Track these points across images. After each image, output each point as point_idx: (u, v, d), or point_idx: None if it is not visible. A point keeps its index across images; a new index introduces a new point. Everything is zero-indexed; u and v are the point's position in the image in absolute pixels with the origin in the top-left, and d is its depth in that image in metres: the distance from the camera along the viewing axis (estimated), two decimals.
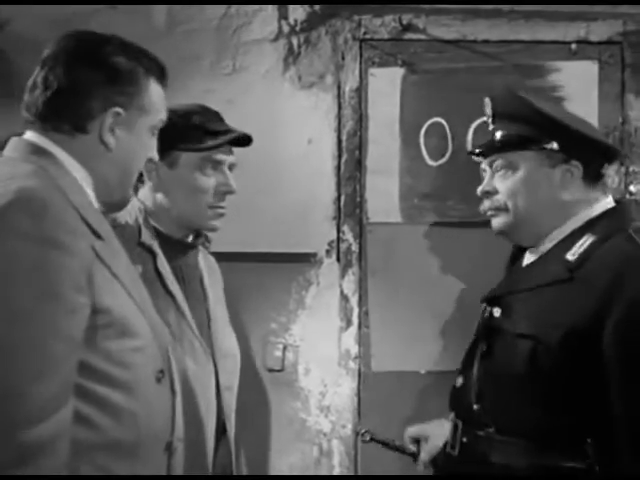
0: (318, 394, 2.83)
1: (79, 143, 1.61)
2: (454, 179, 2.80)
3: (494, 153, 2.07)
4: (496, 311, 2.04)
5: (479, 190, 2.10)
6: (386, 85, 2.85)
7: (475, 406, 2.00)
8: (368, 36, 2.84)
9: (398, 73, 2.85)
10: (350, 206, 2.84)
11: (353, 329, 2.83)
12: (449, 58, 2.85)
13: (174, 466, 1.65)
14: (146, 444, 1.57)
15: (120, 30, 1.72)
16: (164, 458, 1.62)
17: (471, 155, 2.20)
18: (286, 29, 2.82)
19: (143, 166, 1.72)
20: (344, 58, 2.84)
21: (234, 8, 2.80)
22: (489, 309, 2.07)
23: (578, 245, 1.96)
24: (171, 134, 1.81)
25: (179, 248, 2.14)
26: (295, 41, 2.82)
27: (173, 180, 2.11)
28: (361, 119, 2.85)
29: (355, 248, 2.83)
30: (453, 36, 2.84)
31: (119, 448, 1.53)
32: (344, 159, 2.84)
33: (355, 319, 2.83)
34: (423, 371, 2.80)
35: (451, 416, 2.11)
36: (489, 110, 2.11)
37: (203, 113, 2.14)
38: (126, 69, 1.62)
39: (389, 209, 2.85)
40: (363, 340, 2.83)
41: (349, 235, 2.84)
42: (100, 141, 1.61)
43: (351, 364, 2.83)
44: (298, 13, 2.82)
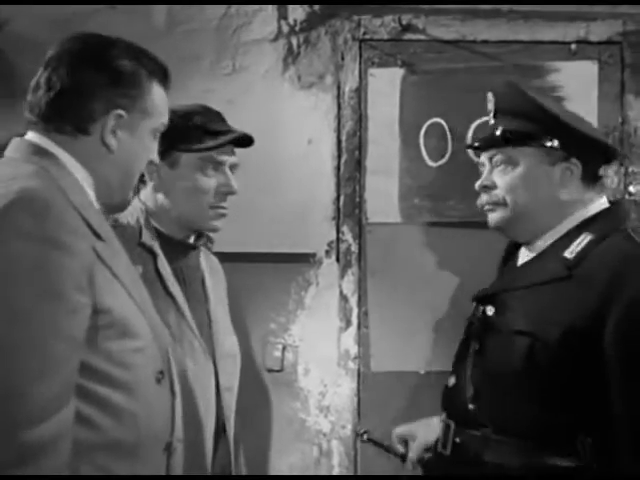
0: (318, 394, 2.82)
1: (81, 144, 1.61)
2: (454, 179, 2.80)
3: (494, 148, 2.07)
4: (489, 309, 2.04)
5: (477, 184, 2.10)
6: (386, 85, 2.85)
7: (470, 406, 1.99)
8: (368, 36, 2.84)
9: (398, 73, 2.85)
10: (350, 206, 2.84)
11: (352, 329, 2.83)
12: (448, 58, 2.85)
13: (173, 466, 1.65)
14: (146, 445, 1.57)
15: (120, 30, 1.72)
16: (163, 458, 1.62)
17: (470, 149, 2.20)
18: (286, 29, 2.82)
19: (144, 169, 1.72)
20: (344, 58, 2.84)
21: (234, 8, 2.80)
22: (482, 308, 2.07)
23: (576, 243, 1.96)
24: (171, 134, 1.81)
25: (180, 249, 2.14)
26: (295, 41, 2.82)
27: (174, 180, 2.11)
28: (361, 119, 2.84)
29: (354, 248, 2.83)
30: (452, 36, 2.84)
31: (119, 448, 1.53)
32: (344, 159, 2.84)
33: (354, 319, 2.83)
34: (422, 371, 2.80)
35: (443, 416, 2.10)
36: (492, 105, 2.11)
37: (204, 113, 2.14)
38: (130, 72, 1.62)
39: (389, 209, 2.85)
40: (362, 340, 2.83)
41: (348, 235, 2.83)
42: (102, 143, 1.61)
43: (350, 364, 2.82)
44: (298, 13, 2.81)
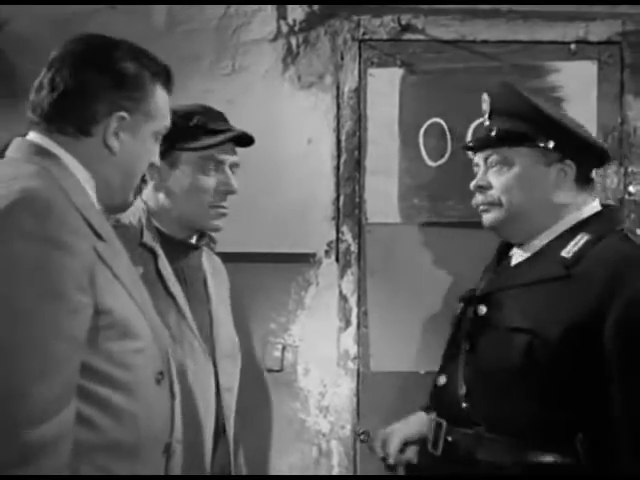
0: (317, 394, 2.82)
1: (83, 146, 1.61)
2: (453, 179, 2.80)
3: (490, 148, 2.08)
4: (481, 309, 2.05)
5: (472, 184, 2.11)
6: (385, 85, 2.84)
7: (463, 404, 1.99)
8: (367, 36, 2.84)
9: (397, 73, 2.85)
10: (349, 206, 2.84)
11: (352, 329, 2.83)
12: (448, 58, 2.84)
13: (172, 468, 1.65)
14: (145, 445, 1.57)
15: (120, 30, 1.72)
16: (162, 460, 1.63)
17: (466, 149, 2.21)
18: (285, 29, 2.81)
19: (145, 171, 1.73)
20: (343, 58, 2.84)
21: (233, 8, 2.80)
22: (472, 307, 2.07)
23: (573, 244, 1.98)
24: (171, 134, 1.81)
25: (182, 249, 2.14)
26: (294, 41, 2.82)
27: (174, 180, 2.11)
28: (360, 119, 2.84)
29: (354, 248, 2.83)
30: (452, 36, 2.84)
31: (119, 449, 1.53)
32: (343, 159, 2.84)
33: (354, 319, 2.82)
34: (422, 371, 2.80)
35: (432, 415, 2.10)
36: (487, 106, 2.12)
37: (204, 113, 2.14)
38: (133, 74, 1.62)
39: (388, 209, 2.85)
40: (362, 340, 2.83)
41: (348, 235, 2.83)
42: (104, 144, 1.61)
43: (350, 364, 2.82)
44: (297, 13, 2.81)
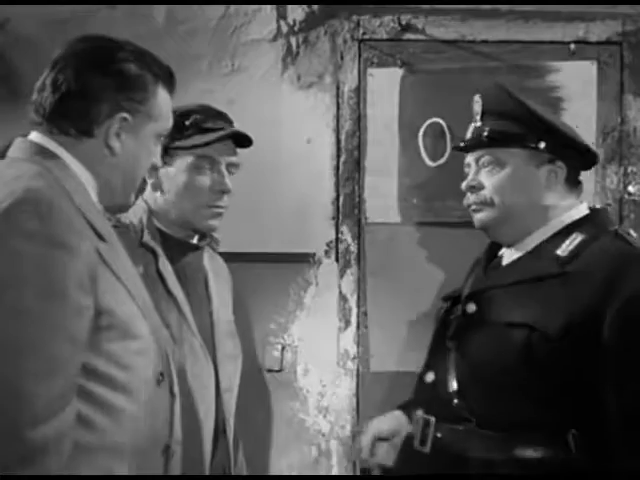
0: (317, 394, 2.82)
1: (84, 146, 1.60)
2: (453, 179, 2.76)
3: (482, 148, 2.09)
4: (471, 307, 2.05)
5: (464, 185, 2.12)
6: (385, 85, 2.84)
7: (455, 401, 1.99)
8: (367, 36, 2.84)
9: (397, 73, 2.85)
10: (349, 206, 2.84)
11: (352, 329, 2.83)
12: (448, 58, 2.84)
13: (171, 468, 1.65)
14: (145, 447, 1.57)
15: (120, 30, 1.73)
16: (161, 461, 1.62)
17: (457, 150, 2.23)
18: (285, 29, 2.81)
19: (147, 172, 1.73)
20: (343, 58, 2.84)
21: (233, 8, 2.80)
22: (460, 306, 2.08)
23: (567, 242, 1.99)
24: (168, 133, 1.81)
25: (182, 249, 2.14)
26: (294, 41, 2.82)
27: (169, 179, 2.11)
28: (360, 119, 2.84)
29: (354, 248, 2.83)
30: (452, 36, 2.84)
31: (118, 450, 1.53)
32: (343, 159, 2.84)
33: (354, 319, 2.83)
34: None
35: (419, 412, 2.08)
36: (479, 107, 2.13)
37: (202, 112, 2.14)
38: (136, 75, 1.62)
39: (388, 209, 2.85)
40: (362, 340, 2.83)
41: (348, 235, 2.83)
42: (105, 145, 1.61)
43: (350, 364, 2.82)
44: (297, 13, 2.81)
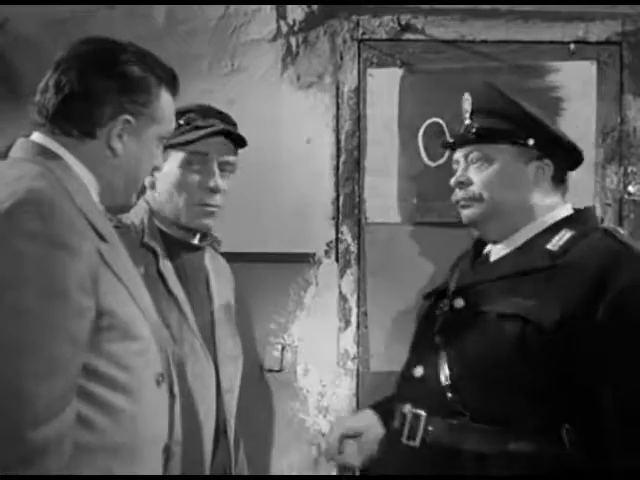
0: (317, 394, 2.82)
1: (87, 148, 1.61)
2: None
3: (470, 145, 2.10)
4: (458, 302, 2.06)
5: (452, 181, 2.14)
6: (384, 85, 2.84)
7: (449, 395, 1.98)
8: (366, 36, 2.84)
9: (396, 73, 2.85)
10: (349, 206, 2.84)
11: (352, 329, 2.83)
12: (447, 58, 2.84)
13: (171, 469, 1.65)
14: (144, 447, 1.57)
15: (119, 30, 1.73)
16: (161, 461, 1.63)
17: (446, 147, 2.24)
18: (284, 29, 2.81)
19: (149, 174, 1.73)
20: (342, 58, 2.84)
21: (233, 8, 2.80)
22: (447, 301, 2.08)
23: (557, 238, 2.01)
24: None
25: (183, 249, 2.14)
26: (294, 41, 2.82)
27: (162, 178, 2.11)
28: (359, 119, 2.84)
29: (354, 248, 2.83)
30: (451, 36, 2.84)
31: (118, 450, 1.53)
32: (343, 159, 2.84)
33: (354, 319, 2.83)
34: None
35: (407, 407, 2.06)
36: (468, 105, 2.14)
37: (199, 111, 2.14)
38: (139, 78, 1.62)
39: (388, 209, 2.85)
40: (362, 340, 2.83)
41: (348, 235, 2.83)
42: (107, 147, 1.62)
43: (350, 364, 2.82)
44: (296, 13, 2.81)
